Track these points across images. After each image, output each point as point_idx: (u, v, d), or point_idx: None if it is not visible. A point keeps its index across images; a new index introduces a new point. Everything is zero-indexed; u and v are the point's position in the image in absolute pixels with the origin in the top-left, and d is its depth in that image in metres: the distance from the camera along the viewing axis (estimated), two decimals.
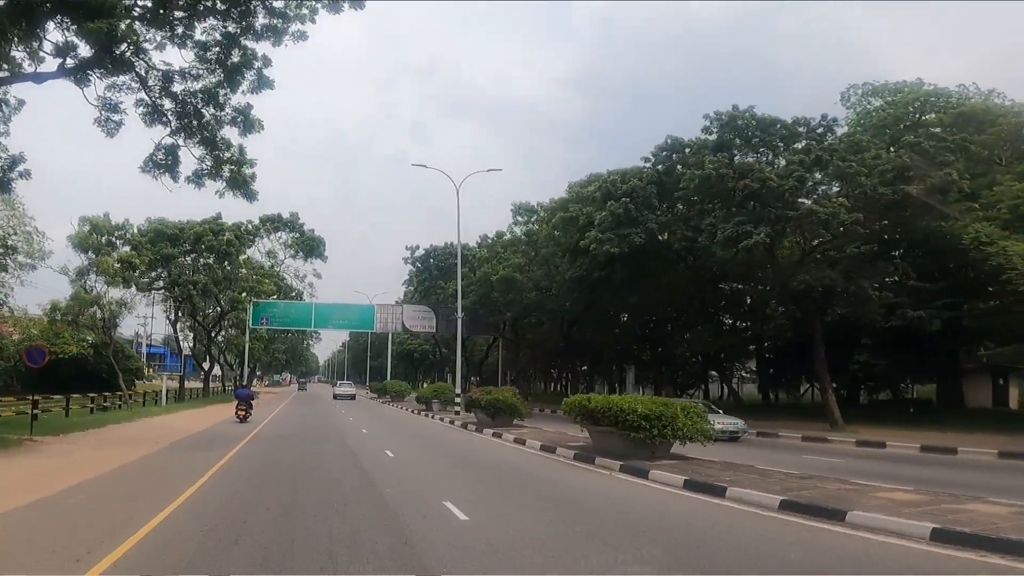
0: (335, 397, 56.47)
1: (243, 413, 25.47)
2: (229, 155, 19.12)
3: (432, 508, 8.71)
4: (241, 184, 18.66)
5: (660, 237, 27.70)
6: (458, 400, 30.18)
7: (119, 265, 31.61)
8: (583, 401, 14.56)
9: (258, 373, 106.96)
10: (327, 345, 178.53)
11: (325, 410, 37.99)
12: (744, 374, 58.58)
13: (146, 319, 62.62)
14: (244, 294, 41.44)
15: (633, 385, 40.88)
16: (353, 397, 56.54)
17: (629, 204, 27.12)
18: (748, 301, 36.70)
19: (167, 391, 37.78)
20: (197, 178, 18.86)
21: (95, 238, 28.09)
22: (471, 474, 12.52)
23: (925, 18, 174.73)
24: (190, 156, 19.25)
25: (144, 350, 79.18)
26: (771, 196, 23.70)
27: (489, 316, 50.68)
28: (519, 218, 44.56)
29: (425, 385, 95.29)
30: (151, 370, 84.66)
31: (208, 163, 18.78)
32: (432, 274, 57.62)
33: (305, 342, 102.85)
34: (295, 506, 8.76)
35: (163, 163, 18.91)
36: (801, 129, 28.09)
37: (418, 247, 58.02)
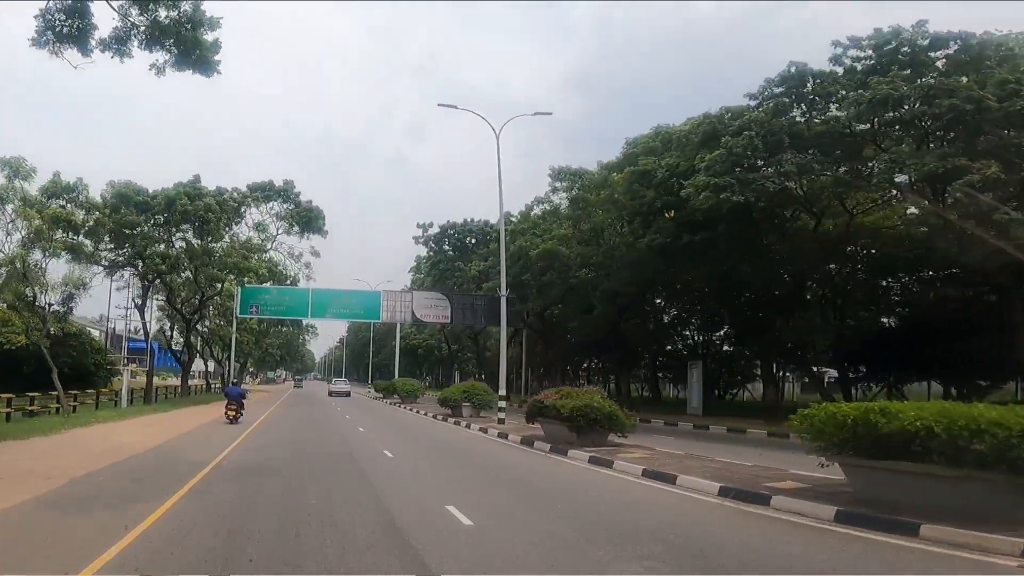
0: (330, 394, 56.36)
1: (233, 413, 22.38)
2: (176, 14, 11.74)
3: None
4: (192, 47, 11.25)
5: (794, 185, 20.47)
6: (502, 405, 22.90)
7: (59, 231, 24.15)
8: (867, 416, 7.21)
9: (250, 369, 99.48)
10: (324, 342, 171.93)
11: (326, 415, 30.66)
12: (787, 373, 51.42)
13: (127, 310, 54.75)
14: (227, 273, 34.07)
15: (701, 386, 33.56)
16: (348, 394, 56.46)
17: (756, 139, 19.85)
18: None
19: (129, 390, 30.40)
20: (119, 44, 11.43)
21: (15, 185, 20.65)
22: None
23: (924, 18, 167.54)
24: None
25: (125, 343, 71.67)
26: (986, 122, 16.52)
27: (518, 302, 43.39)
28: (558, 184, 37.17)
29: (427, 383, 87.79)
30: (133, 365, 77.10)
31: (140, 18, 11.41)
32: (447, 256, 50.33)
33: (301, 336, 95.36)
34: None
35: (66, 29, 11.55)
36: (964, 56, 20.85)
37: (431, 224, 50.62)
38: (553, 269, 32.18)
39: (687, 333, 50.16)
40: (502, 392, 23.07)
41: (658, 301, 38.99)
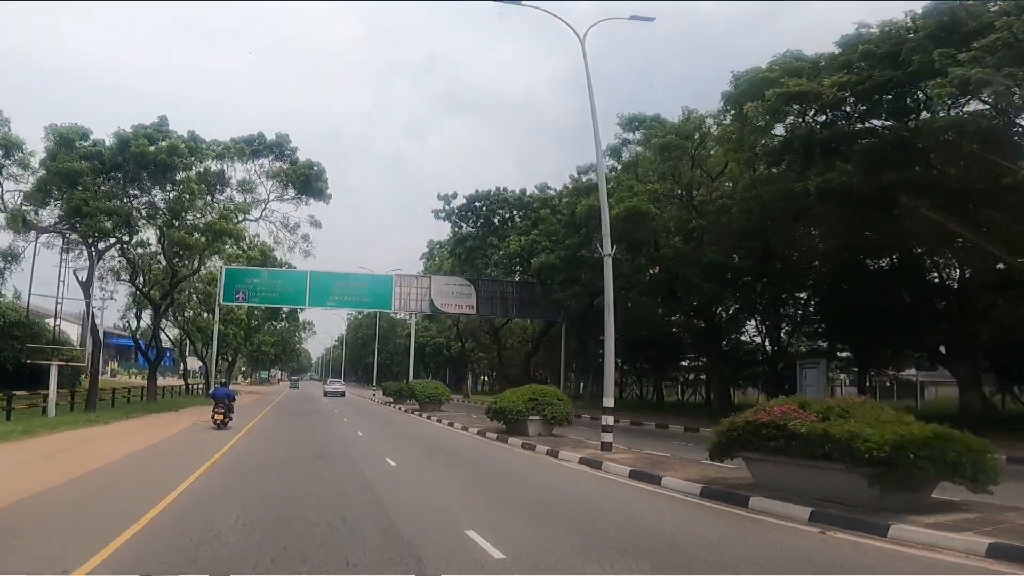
0: (325, 394, 56.09)
1: (221, 416, 19.74)
2: None
3: None
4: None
5: None
6: (608, 422, 14.66)
7: None
8: None
9: (242, 369, 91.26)
10: (321, 340, 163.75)
11: (331, 431, 22.48)
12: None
13: (59, 281, 46.40)
14: (199, 237, 25.99)
15: (823, 393, 25.49)
16: (343, 395, 56.21)
17: None
18: None
19: (56, 394, 22.26)
20: None
21: None
22: None
23: None
24: None
25: (101, 339, 63.24)
26: None
27: (558, 290, 35.49)
28: (630, 136, 29.03)
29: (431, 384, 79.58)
30: (115, 364, 68.61)
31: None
32: (473, 233, 42.20)
33: (297, 333, 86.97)
34: None
35: None
36: None
37: (455, 195, 42.41)
38: (630, 238, 24.03)
39: (746, 329, 42.64)
40: (608, 403, 14.73)
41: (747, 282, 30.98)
